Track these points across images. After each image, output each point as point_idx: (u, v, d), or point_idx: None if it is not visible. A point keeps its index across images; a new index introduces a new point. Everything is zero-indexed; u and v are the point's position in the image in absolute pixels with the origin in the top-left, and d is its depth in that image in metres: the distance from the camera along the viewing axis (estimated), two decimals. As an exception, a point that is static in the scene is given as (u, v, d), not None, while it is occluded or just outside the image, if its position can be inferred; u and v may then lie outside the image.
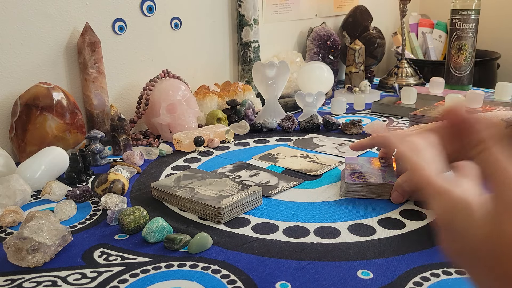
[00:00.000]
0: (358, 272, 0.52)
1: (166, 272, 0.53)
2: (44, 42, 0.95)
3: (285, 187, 0.76)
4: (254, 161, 0.89)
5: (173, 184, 0.73)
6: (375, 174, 0.72)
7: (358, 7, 1.59)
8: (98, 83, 1.00)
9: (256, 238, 0.60)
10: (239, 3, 1.29)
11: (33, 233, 0.56)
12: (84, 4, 1.00)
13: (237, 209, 0.66)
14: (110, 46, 1.06)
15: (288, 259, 0.55)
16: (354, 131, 1.04)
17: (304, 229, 0.62)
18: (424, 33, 1.86)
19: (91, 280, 0.52)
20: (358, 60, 1.44)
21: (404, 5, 1.45)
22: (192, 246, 0.57)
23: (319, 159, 0.88)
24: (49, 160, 0.80)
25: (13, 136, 0.88)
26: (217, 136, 0.99)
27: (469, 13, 1.34)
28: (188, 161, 0.90)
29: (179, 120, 1.01)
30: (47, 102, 0.87)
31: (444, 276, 0.51)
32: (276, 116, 1.13)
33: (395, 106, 1.21)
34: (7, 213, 0.66)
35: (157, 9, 1.13)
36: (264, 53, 1.38)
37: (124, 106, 1.11)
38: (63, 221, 0.67)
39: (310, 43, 1.48)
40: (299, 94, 1.15)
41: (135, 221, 0.62)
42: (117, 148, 0.95)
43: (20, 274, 0.54)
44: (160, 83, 1.05)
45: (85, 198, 0.74)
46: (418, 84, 1.51)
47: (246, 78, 1.33)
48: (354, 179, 0.70)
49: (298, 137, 1.03)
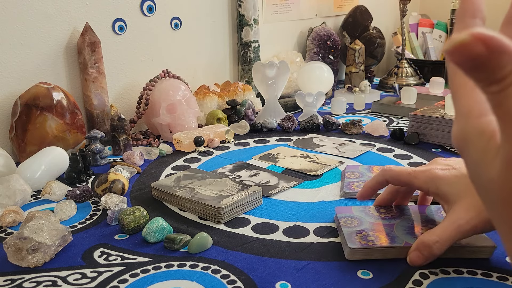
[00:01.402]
0: (358, 272, 0.52)
1: (166, 272, 0.53)
2: (44, 42, 0.95)
3: (285, 187, 0.76)
4: (254, 161, 0.89)
5: (173, 184, 0.73)
6: (381, 230, 0.57)
7: (358, 7, 1.59)
8: (98, 83, 1.00)
9: (256, 238, 0.60)
10: (239, 3, 1.29)
11: (33, 233, 0.56)
12: (84, 4, 1.00)
13: (237, 209, 0.66)
14: (110, 46, 1.06)
15: (288, 259, 0.55)
16: (354, 131, 1.04)
17: (304, 229, 0.62)
18: (424, 33, 1.86)
19: (91, 280, 0.52)
20: (358, 60, 1.44)
21: (404, 5, 1.45)
22: (192, 246, 0.57)
23: (319, 159, 0.88)
24: (49, 160, 0.80)
25: (13, 136, 0.88)
26: (217, 136, 0.99)
27: (469, 13, 1.34)
28: (188, 161, 0.90)
29: (179, 120, 1.01)
30: (47, 102, 0.87)
31: (442, 275, 0.51)
32: (276, 116, 1.13)
33: (395, 106, 1.21)
34: (7, 213, 0.66)
35: (157, 9, 1.13)
36: (264, 53, 1.38)
37: (124, 106, 1.11)
38: (63, 221, 0.67)
39: (310, 43, 1.48)
40: (299, 94, 1.15)
41: (135, 221, 0.62)
42: (117, 148, 0.95)
43: (20, 274, 0.54)
44: (160, 83, 1.05)
45: (85, 198, 0.74)
46: (418, 84, 1.51)
47: (246, 78, 1.33)
48: (359, 242, 0.55)
49: (298, 137, 1.03)
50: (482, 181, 0.30)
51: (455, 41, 0.25)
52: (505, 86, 0.26)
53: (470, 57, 0.25)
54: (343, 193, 0.72)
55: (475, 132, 0.30)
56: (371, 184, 0.62)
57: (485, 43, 0.24)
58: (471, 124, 0.31)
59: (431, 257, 0.51)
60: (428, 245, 0.51)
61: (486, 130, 0.30)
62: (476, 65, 0.25)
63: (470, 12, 0.32)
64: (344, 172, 0.80)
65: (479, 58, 0.25)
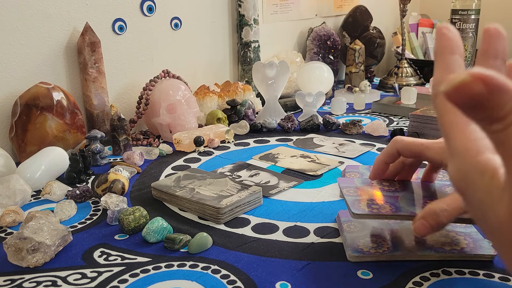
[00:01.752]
0: (358, 272, 0.52)
1: (166, 272, 0.53)
2: (44, 42, 0.95)
3: (285, 187, 0.76)
4: (254, 161, 0.89)
5: (173, 184, 0.73)
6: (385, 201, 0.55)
7: (358, 7, 1.59)
8: (98, 83, 1.00)
9: (256, 238, 0.60)
10: (239, 3, 1.29)
11: (33, 233, 0.56)
12: (84, 4, 1.00)
13: (237, 209, 0.66)
14: (110, 46, 1.06)
15: (288, 259, 0.55)
16: (354, 131, 1.04)
17: (304, 229, 0.62)
18: (424, 33, 1.86)
19: (91, 280, 0.52)
20: (358, 60, 1.44)
21: (404, 5, 1.45)
22: (192, 246, 0.57)
23: (319, 159, 0.88)
24: (49, 160, 0.80)
25: (13, 136, 0.88)
26: (217, 136, 0.99)
27: (469, 13, 1.34)
28: (188, 161, 0.90)
29: (179, 120, 1.01)
30: (47, 102, 0.87)
31: (444, 276, 0.51)
32: (276, 116, 1.13)
33: (395, 106, 1.21)
34: (7, 213, 0.66)
35: (157, 9, 1.13)
36: (264, 53, 1.38)
37: (124, 106, 1.11)
38: (63, 221, 0.67)
39: (310, 43, 1.48)
40: (299, 94, 1.15)
41: (135, 221, 0.62)
42: (117, 148, 0.95)
43: (20, 274, 0.54)
44: (160, 83, 1.05)
45: (85, 198, 0.74)
46: (418, 84, 1.51)
47: (246, 78, 1.33)
48: (364, 209, 0.53)
49: (298, 137, 1.03)
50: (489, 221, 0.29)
51: (454, 82, 0.25)
52: (507, 125, 0.26)
53: (471, 97, 0.25)
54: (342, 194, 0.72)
55: (475, 172, 0.30)
56: (382, 157, 0.58)
57: (485, 82, 0.24)
58: (470, 163, 0.30)
59: (437, 226, 0.48)
60: (436, 212, 0.48)
61: (487, 169, 0.29)
62: (476, 104, 0.25)
63: (448, 49, 0.32)
64: (344, 172, 0.80)
65: (480, 97, 0.25)
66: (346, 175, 0.77)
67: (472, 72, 0.24)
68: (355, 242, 0.56)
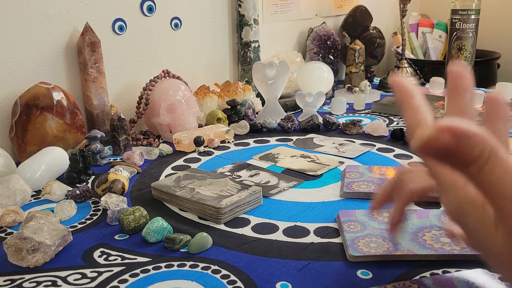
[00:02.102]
0: (358, 272, 0.52)
1: (166, 272, 0.53)
2: (44, 42, 0.95)
3: (285, 187, 0.76)
4: (254, 161, 0.89)
5: (173, 184, 0.73)
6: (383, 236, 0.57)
7: (358, 7, 1.59)
8: (98, 83, 1.00)
9: (256, 238, 0.60)
10: (239, 3, 1.29)
11: (33, 233, 0.56)
12: (84, 4, 1.00)
13: (237, 209, 0.66)
14: (110, 46, 1.06)
15: (288, 259, 0.55)
16: (354, 131, 1.04)
17: (304, 229, 0.62)
18: (424, 33, 1.86)
19: (91, 280, 0.52)
20: (358, 60, 1.44)
21: (404, 5, 1.45)
22: (192, 246, 0.57)
23: (319, 159, 0.88)
24: (49, 160, 0.80)
25: (13, 136, 0.88)
26: (217, 136, 0.99)
27: (469, 13, 1.34)
28: (188, 161, 0.90)
29: (179, 120, 1.01)
30: (47, 102, 0.87)
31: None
32: (276, 116, 1.13)
33: (395, 106, 1.21)
34: (7, 213, 0.66)
35: (157, 9, 1.13)
36: (264, 53, 1.38)
37: (124, 106, 1.11)
38: (63, 221, 0.67)
39: (310, 43, 1.48)
40: (299, 94, 1.15)
41: (135, 221, 0.62)
42: (117, 148, 0.95)
43: (20, 274, 0.54)
44: (160, 83, 1.05)
45: (85, 198, 0.74)
46: (418, 84, 1.51)
47: (246, 78, 1.33)
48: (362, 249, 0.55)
49: (298, 137, 1.03)
50: (487, 247, 0.31)
51: (421, 137, 0.26)
52: (481, 166, 0.27)
53: (440, 149, 0.26)
54: (343, 193, 0.72)
55: (466, 202, 0.31)
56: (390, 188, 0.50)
57: (451, 132, 0.26)
58: (460, 194, 0.32)
59: None
60: None
61: (476, 199, 0.31)
62: (447, 153, 0.27)
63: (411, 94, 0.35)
64: (344, 172, 0.80)
65: (449, 147, 0.26)
66: (346, 175, 0.78)
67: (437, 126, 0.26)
68: (355, 242, 0.56)
